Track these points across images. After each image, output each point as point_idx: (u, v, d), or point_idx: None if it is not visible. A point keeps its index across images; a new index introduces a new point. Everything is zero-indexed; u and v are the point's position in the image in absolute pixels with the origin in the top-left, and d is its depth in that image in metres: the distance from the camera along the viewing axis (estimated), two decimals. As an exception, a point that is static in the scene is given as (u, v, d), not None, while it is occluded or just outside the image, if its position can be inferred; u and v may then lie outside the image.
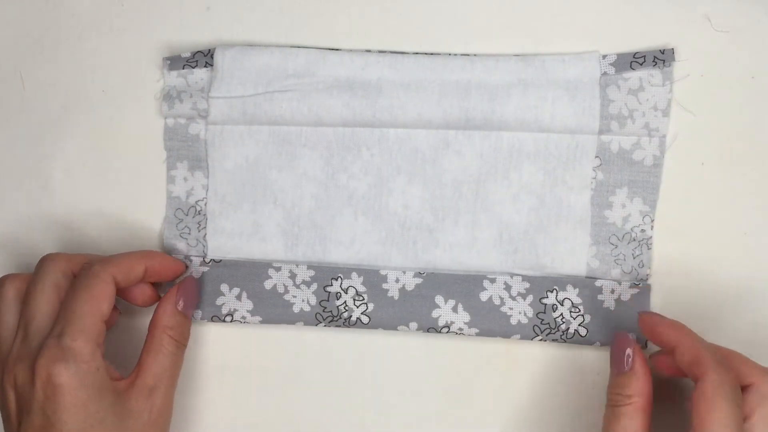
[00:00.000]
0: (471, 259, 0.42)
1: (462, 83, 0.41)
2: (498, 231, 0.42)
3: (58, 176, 0.44)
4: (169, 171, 0.43)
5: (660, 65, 0.41)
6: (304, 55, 0.42)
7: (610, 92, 0.41)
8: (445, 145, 0.42)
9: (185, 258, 0.43)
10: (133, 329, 0.44)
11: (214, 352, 0.44)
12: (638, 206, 0.41)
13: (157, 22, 0.44)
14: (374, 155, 0.42)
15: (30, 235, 0.44)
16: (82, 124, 0.44)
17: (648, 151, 0.41)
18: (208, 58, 0.42)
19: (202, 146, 0.43)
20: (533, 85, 0.41)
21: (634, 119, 0.41)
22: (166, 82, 0.43)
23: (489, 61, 0.41)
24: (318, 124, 0.42)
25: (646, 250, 0.42)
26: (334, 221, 0.43)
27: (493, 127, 0.42)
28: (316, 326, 0.43)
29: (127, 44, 0.44)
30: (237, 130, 0.42)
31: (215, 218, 0.43)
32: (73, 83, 0.44)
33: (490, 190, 0.42)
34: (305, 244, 0.43)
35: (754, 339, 0.41)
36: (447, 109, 0.41)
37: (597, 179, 0.42)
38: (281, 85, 0.42)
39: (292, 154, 0.43)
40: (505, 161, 0.42)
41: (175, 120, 0.43)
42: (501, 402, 0.42)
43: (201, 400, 0.44)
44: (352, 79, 0.42)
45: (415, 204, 0.42)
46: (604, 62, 0.41)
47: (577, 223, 0.42)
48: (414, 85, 0.42)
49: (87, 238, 0.44)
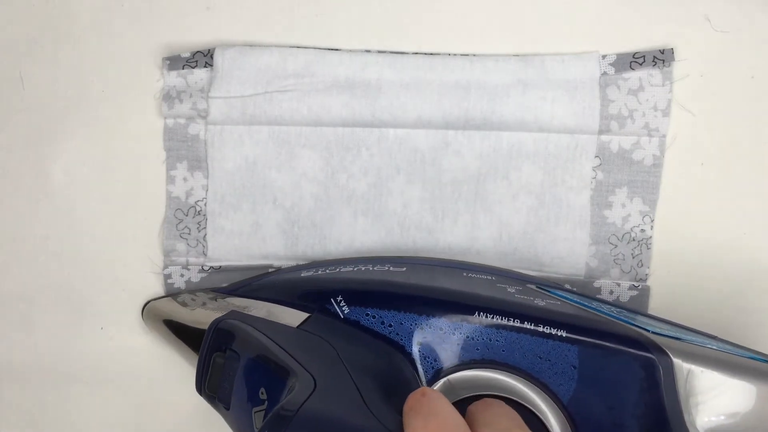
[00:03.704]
0: (470, 258, 0.42)
1: (462, 83, 0.41)
2: (497, 231, 0.42)
3: (58, 176, 0.44)
4: (169, 171, 0.43)
5: (660, 65, 0.41)
6: (303, 55, 0.42)
7: (609, 92, 0.41)
8: (444, 145, 0.42)
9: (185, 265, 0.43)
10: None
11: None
12: (638, 206, 0.41)
13: (157, 22, 0.44)
14: (374, 155, 0.42)
15: (30, 235, 0.44)
16: (82, 124, 0.44)
17: (648, 151, 0.41)
18: (208, 58, 0.42)
19: (201, 146, 0.43)
20: (533, 86, 0.41)
21: (634, 119, 0.41)
22: (166, 82, 0.43)
23: (489, 62, 0.41)
24: (317, 124, 0.42)
25: (646, 250, 0.42)
26: (333, 221, 0.43)
27: (493, 127, 0.42)
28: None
29: (127, 44, 0.44)
30: (237, 130, 0.43)
31: (215, 218, 0.43)
32: (73, 83, 0.44)
33: (489, 190, 0.42)
34: (305, 244, 0.43)
35: (755, 339, 0.41)
36: (447, 109, 0.41)
37: (597, 179, 0.42)
38: (281, 85, 0.42)
39: (291, 154, 0.43)
40: (505, 161, 0.42)
41: (174, 120, 0.43)
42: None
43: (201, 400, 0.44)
44: (351, 79, 0.42)
45: (414, 204, 0.42)
46: (603, 62, 0.41)
47: (576, 223, 0.42)
48: (414, 85, 0.42)
49: (87, 238, 0.44)
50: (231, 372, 0.33)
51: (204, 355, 0.34)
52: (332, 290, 0.37)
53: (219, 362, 0.34)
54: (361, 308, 0.36)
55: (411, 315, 0.35)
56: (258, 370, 0.32)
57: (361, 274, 0.38)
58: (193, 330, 0.40)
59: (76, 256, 0.44)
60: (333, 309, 0.36)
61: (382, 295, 0.36)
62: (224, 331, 0.34)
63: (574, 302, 0.37)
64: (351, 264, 0.40)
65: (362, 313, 0.36)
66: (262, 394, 0.31)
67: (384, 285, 0.37)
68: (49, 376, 0.45)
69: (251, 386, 0.32)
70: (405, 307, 0.36)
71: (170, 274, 0.43)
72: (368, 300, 0.36)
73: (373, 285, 0.37)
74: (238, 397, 0.32)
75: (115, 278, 0.44)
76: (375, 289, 0.37)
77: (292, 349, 0.32)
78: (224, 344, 0.34)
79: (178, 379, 0.44)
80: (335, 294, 0.37)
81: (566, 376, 0.33)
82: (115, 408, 0.44)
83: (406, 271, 0.39)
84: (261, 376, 0.32)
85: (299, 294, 0.38)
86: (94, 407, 0.45)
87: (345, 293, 0.37)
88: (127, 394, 0.44)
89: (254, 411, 0.31)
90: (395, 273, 0.38)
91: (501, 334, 0.34)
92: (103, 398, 0.44)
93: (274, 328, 0.35)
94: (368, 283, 0.38)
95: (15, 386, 0.45)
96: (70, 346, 0.44)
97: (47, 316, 0.44)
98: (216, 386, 0.34)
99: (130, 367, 0.44)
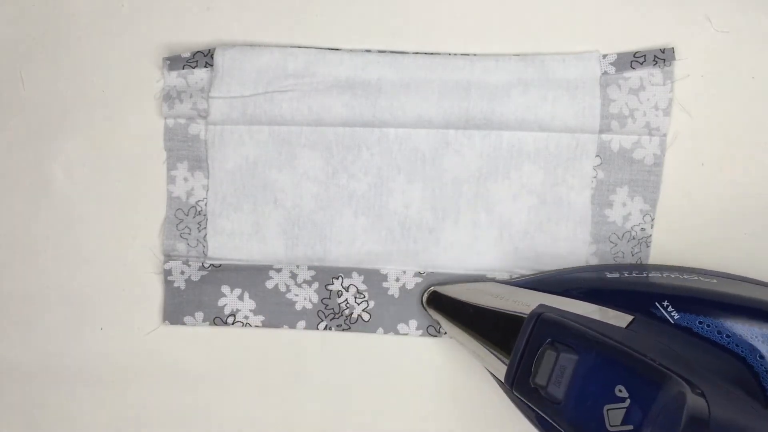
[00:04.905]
0: (471, 258, 0.42)
1: (462, 83, 0.41)
2: (498, 230, 0.42)
3: (58, 176, 0.44)
4: (170, 171, 0.43)
5: (660, 64, 0.41)
6: (303, 55, 0.42)
7: (610, 92, 0.41)
8: (445, 145, 0.42)
9: (185, 261, 0.43)
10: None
11: (214, 352, 0.44)
12: (639, 205, 0.42)
13: (157, 22, 0.43)
14: (374, 155, 0.42)
15: (30, 235, 0.44)
16: (82, 124, 0.44)
17: (648, 150, 0.41)
18: (208, 58, 0.42)
19: (202, 146, 0.43)
20: (533, 85, 0.41)
21: (635, 118, 0.41)
22: (166, 82, 0.43)
23: (489, 61, 0.41)
24: (318, 124, 0.42)
25: (645, 248, 0.42)
26: (334, 221, 0.43)
27: (494, 126, 0.42)
28: (317, 326, 0.43)
29: (127, 44, 0.44)
30: (237, 130, 0.42)
31: (215, 218, 0.43)
32: (73, 83, 0.44)
33: (490, 190, 0.42)
34: (305, 243, 0.43)
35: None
36: (447, 109, 0.41)
37: (597, 178, 0.42)
38: (281, 85, 0.42)
39: (292, 154, 0.43)
40: (506, 161, 0.42)
41: (175, 120, 0.43)
42: (502, 400, 0.42)
43: (201, 400, 0.44)
44: (352, 79, 0.42)
45: (415, 203, 0.42)
46: (604, 62, 0.41)
47: (577, 222, 0.42)
48: (414, 85, 0.42)
49: (87, 238, 0.44)
50: (566, 365, 0.32)
51: (525, 346, 0.33)
52: (657, 294, 0.36)
53: (550, 354, 0.32)
54: (692, 315, 0.35)
55: (751, 327, 0.34)
56: (611, 367, 0.31)
57: (681, 282, 0.37)
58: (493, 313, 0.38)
59: (76, 256, 0.44)
60: (659, 313, 0.35)
61: (716, 305, 0.35)
62: (548, 323, 0.33)
63: None
64: (656, 270, 0.39)
65: (694, 321, 0.35)
66: (621, 392, 0.30)
67: (713, 295, 0.36)
68: (49, 376, 0.44)
69: (603, 383, 0.31)
70: (744, 318, 0.35)
71: (170, 270, 0.43)
72: (700, 307, 0.35)
73: (703, 294, 0.36)
74: (580, 392, 0.31)
75: (115, 278, 0.44)
76: (706, 298, 0.36)
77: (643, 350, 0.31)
78: (548, 337, 0.33)
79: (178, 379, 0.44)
80: (660, 298, 0.36)
81: None
82: (115, 408, 0.44)
83: (719, 283, 0.38)
84: (616, 374, 0.30)
85: (616, 295, 0.37)
86: (94, 407, 0.45)
87: (671, 299, 0.36)
88: (127, 394, 0.44)
89: (607, 408, 0.30)
90: (709, 283, 0.37)
91: None
92: (103, 398, 0.44)
93: (608, 327, 0.34)
94: (695, 291, 0.37)
95: (15, 386, 0.45)
96: (70, 346, 0.44)
97: (47, 316, 0.44)
98: (547, 378, 0.32)
99: (130, 367, 0.44)
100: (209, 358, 0.44)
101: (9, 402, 0.45)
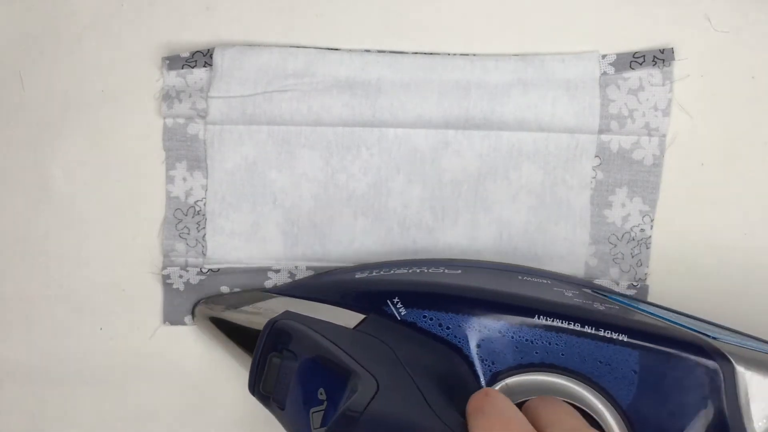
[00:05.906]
0: (470, 258, 0.42)
1: (462, 83, 0.41)
2: (497, 230, 0.42)
3: (58, 176, 0.44)
4: (168, 171, 0.43)
5: (660, 65, 0.41)
6: (303, 55, 0.42)
7: (609, 92, 0.41)
8: (444, 145, 0.42)
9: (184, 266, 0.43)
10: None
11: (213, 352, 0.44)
12: (638, 206, 0.41)
13: (157, 22, 0.43)
14: (374, 155, 0.42)
15: (30, 235, 0.44)
16: (82, 124, 0.44)
17: (648, 151, 0.41)
18: (208, 58, 0.42)
19: (201, 146, 0.43)
20: (533, 85, 0.41)
21: (634, 119, 0.41)
22: (166, 82, 0.43)
23: (489, 61, 0.41)
24: (317, 124, 0.42)
25: (645, 250, 0.42)
26: (333, 221, 0.43)
27: (493, 126, 0.42)
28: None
29: (126, 44, 0.44)
30: (236, 130, 0.42)
31: (215, 218, 0.43)
32: (73, 83, 0.44)
33: (489, 190, 0.42)
34: (305, 244, 0.43)
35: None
36: (447, 109, 0.41)
37: (597, 179, 0.42)
38: (281, 84, 0.42)
39: (291, 154, 0.43)
40: (505, 161, 0.42)
41: (174, 120, 0.43)
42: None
43: (201, 400, 0.44)
44: (351, 79, 0.42)
45: (414, 204, 0.42)
46: (603, 62, 0.41)
47: (576, 223, 0.42)
48: (414, 85, 0.42)
49: (87, 238, 0.44)
50: (287, 372, 0.33)
51: (259, 355, 0.34)
52: (388, 291, 0.37)
53: (275, 362, 0.33)
54: (418, 310, 0.36)
55: (469, 317, 0.35)
56: (317, 370, 0.32)
57: (417, 276, 0.38)
58: (245, 330, 0.40)
59: (76, 256, 0.44)
60: (389, 310, 0.36)
61: (439, 297, 0.36)
62: (280, 331, 0.34)
63: (633, 307, 0.36)
64: (405, 266, 0.39)
65: (419, 315, 0.36)
66: (321, 395, 0.31)
67: (441, 287, 0.37)
68: (49, 376, 0.45)
69: (309, 387, 0.31)
70: (463, 309, 0.35)
71: (169, 275, 0.43)
72: (426, 302, 0.36)
73: (430, 287, 0.37)
74: (294, 397, 0.32)
75: (115, 278, 0.44)
76: (432, 291, 0.37)
77: (352, 350, 0.31)
78: (280, 344, 0.34)
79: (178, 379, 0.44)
80: (391, 295, 0.36)
81: (626, 381, 0.33)
82: (115, 408, 0.44)
83: (462, 274, 0.38)
84: (320, 377, 0.31)
85: (354, 295, 0.38)
86: (94, 407, 0.45)
87: (401, 295, 0.36)
88: (127, 394, 0.44)
89: (312, 411, 0.31)
90: (451, 275, 0.38)
91: (560, 337, 0.34)
92: (103, 398, 0.44)
93: (332, 329, 0.34)
94: (425, 285, 0.37)
95: (15, 386, 0.45)
96: (70, 346, 0.44)
97: (47, 316, 0.44)
98: (272, 386, 0.33)
99: (130, 367, 0.44)
100: (209, 358, 0.44)
101: (9, 402, 0.45)
